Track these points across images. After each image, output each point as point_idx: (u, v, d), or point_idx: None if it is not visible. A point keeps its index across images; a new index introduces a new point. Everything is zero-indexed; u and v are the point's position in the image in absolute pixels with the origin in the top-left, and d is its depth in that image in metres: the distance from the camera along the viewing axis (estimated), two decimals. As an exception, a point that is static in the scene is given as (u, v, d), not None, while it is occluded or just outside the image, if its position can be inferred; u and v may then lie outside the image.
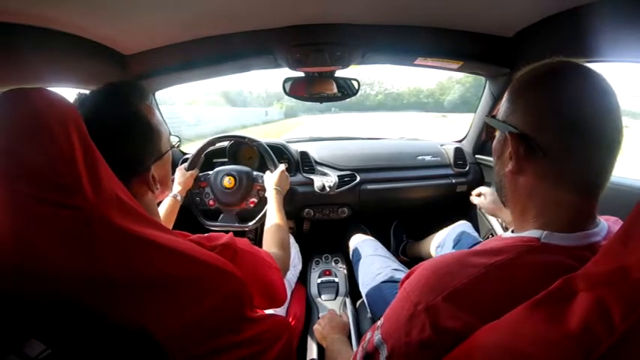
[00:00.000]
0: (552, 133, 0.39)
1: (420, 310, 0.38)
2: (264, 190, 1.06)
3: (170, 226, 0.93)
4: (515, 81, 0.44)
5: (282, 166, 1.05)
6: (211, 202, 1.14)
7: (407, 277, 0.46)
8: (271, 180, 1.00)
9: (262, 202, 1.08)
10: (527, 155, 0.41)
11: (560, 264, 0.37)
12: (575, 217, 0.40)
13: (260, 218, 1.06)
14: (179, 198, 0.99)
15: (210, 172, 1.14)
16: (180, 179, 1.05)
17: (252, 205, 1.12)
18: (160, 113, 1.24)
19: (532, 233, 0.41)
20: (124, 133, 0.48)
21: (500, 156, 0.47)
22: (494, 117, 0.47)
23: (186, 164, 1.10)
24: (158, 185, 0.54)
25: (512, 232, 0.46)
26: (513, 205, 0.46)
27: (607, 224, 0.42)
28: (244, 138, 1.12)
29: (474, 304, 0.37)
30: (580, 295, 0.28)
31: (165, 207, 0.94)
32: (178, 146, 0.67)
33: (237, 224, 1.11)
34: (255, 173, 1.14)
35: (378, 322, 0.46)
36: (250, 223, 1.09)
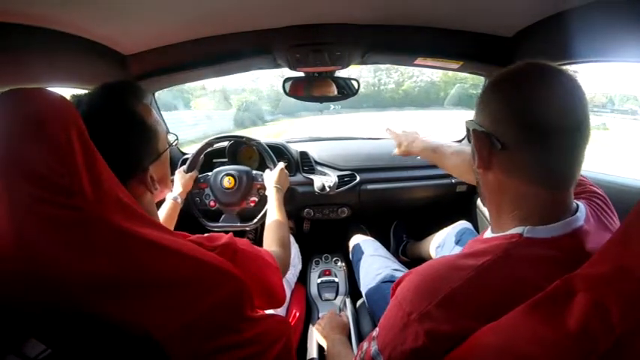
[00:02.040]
0: (508, 128, 0.41)
1: (413, 320, 0.39)
2: (264, 188, 1.06)
3: (171, 229, 0.92)
4: (486, 83, 0.46)
5: (281, 164, 1.05)
6: (212, 203, 1.14)
7: (398, 284, 0.46)
8: (271, 178, 1.00)
9: (263, 200, 1.08)
10: (491, 151, 0.43)
11: (545, 256, 0.38)
12: (550, 209, 0.41)
13: (261, 217, 1.06)
14: (179, 200, 0.99)
15: (210, 173, 1.14)
16: (180, 181, 1.05)
17: (252, 205, 1.12)
18: (159, 113, 1.24)
19: (514, 230, 0.41)
20: (120, 133, 0.48)
21: (474, 155, 0.48)
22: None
23: (185, 166, 1.10)
24: (157, 185, 0.53)
25: (492, 232, 0.47)
26: (489, 203, 0.48)
27: (584, 207, 0.43)
28: (242, 137, 1.13)
29: (467, 306, 0.37)
30: (579, 295, 0.28)
31: (166, 210, 0.94)
32: (176, 145, 0.67)
33: (238, 224, 1.11)
34: (254, 172, 1.13)
35: (374, 332, 0.46)
36: (252, 223, 1.09)
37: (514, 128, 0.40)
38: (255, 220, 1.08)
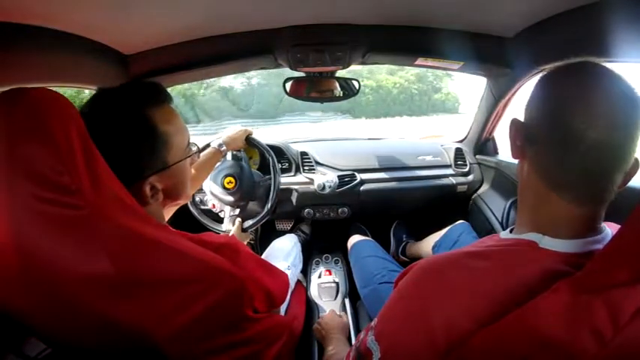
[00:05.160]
0: (540, 125, 0.40)
1: (412, 314, 0.38)
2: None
3: (202, 176, 0.90)
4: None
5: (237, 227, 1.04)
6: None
7: (401, 277, 0.46)
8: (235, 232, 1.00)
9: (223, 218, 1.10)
10: (524, 142, 0.42)
11: (557, 271, 0.36)
12: (571, 224, 0.39)
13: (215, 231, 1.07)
14: (223, 149, 0.96)
15: (241, 155, 1.11)
16: (233, 133, 1.02)
17: (220, 214, 1.11)
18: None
19: (530, 236, 0.40)
20: (121, 137, 0.46)
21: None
22: None
23: (251, 134, 1.08)
24: (160, 196, 0.50)
25: (511, 232, 0.46)
26: (519, 197, 0.46)
27: (610, 232, 0.41)
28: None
29: (468, 306, 0.37)
30: (575, 299, 0.29)
31: (205, 155, 0.92)
32: (197, 156, 0.60)
33: (205, 220, 1.10)
34: (249, 208, 1.12)
35: (372, 323, 0.46)
36: (214, 227, 1.09)
37: (545, 126, 0.39)
38: (219, 227, 1.09)
